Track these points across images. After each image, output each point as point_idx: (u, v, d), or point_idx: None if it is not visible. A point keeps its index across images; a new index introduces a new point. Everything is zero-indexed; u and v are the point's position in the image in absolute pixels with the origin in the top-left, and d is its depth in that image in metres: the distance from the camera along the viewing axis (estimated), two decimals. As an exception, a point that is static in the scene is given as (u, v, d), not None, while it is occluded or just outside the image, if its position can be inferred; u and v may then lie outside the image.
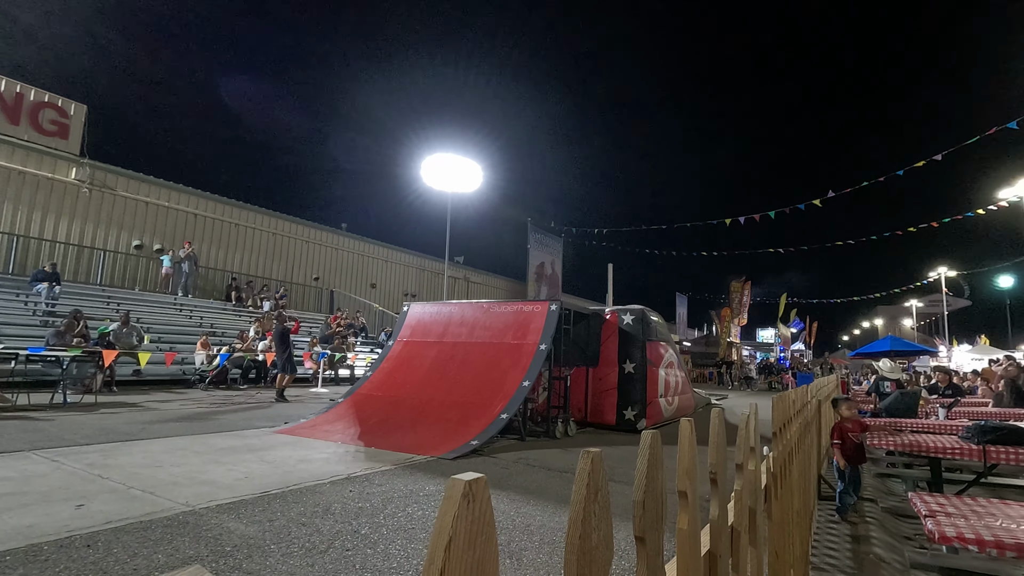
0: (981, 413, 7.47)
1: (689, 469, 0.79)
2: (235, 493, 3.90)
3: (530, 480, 4.83)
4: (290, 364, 10.42)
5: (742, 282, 38.33)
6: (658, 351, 9.57)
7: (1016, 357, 15.50)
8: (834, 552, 3.52)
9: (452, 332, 8.66)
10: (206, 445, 5.62)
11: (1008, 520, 1.90)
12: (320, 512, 3.59)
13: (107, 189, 17.25)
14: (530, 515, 3.77)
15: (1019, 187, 19.73)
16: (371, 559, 2.86)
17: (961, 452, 3.68)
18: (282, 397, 10.06)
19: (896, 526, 4.47)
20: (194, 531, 3.12)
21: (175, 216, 18.98)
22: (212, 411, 8.34)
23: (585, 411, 8.98)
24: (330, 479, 4.47)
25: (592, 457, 0.54)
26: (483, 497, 0.37)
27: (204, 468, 4.61)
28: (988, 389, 9.81)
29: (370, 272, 26.56)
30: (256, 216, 21.61)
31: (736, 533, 1.12)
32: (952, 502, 2.18)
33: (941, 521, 1.90)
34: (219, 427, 6.81)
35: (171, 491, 3.87)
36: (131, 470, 4.41)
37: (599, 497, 0.54)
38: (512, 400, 6.79)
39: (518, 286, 34.04)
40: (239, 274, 20.09)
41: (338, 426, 6.87)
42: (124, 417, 7.26)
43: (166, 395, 10.18)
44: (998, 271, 38.77)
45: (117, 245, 17.39)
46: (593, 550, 0.52)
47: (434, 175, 21.20)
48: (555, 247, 35.65)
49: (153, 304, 15.57)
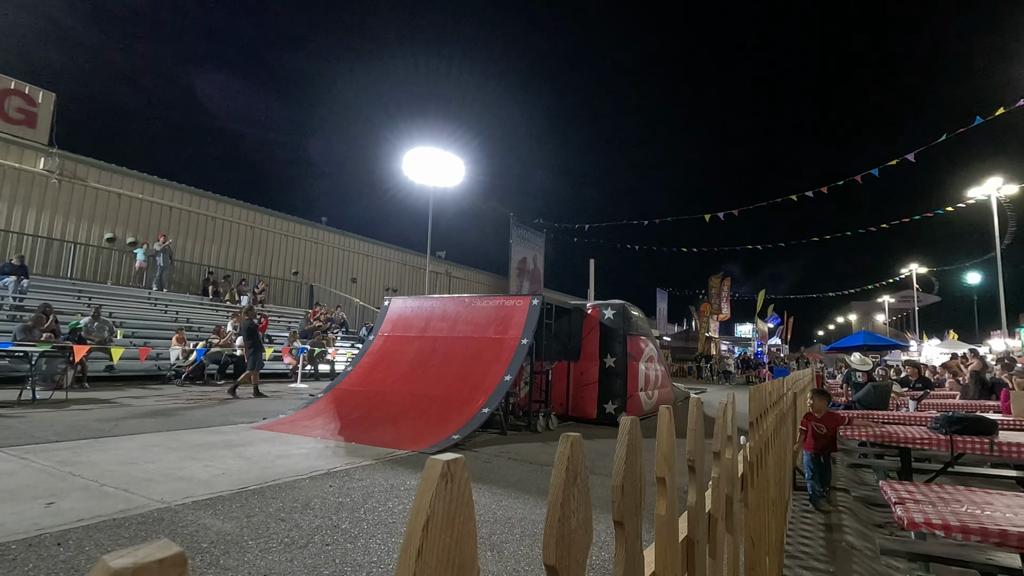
0: (949, 405, 7.71)
1: (668, 455, 0.80)
2: (212, 489, 3.84)
3: (511, 474, 4.85)
4: (258, 360, 10.17)
5: (721, 278, 38.87)
6: (638, 345, 9.66)
7: (980, 352, 16.00)
8: (808, 540, 3.61)
9: (434, 327, 8.62)
10: (182, 441, 5.52)
11: (972, 506, 1.96)
12: (299, 507, 3.55)
13: (77, 180, 16.76)
14: (511, 508, 3.79)
15: (987, 186, 20.33)
16: (351, 553, 2.85)
17: (929, 442, 3.79)
18: (257, 394, 9.91)
19: (868, 514, 4.59)
20: (169, 528, 3.07)
21: (149, 208, 18.52)
22: (188, 407, 8.19)
23: (566, 405, 9.04)
24: (310, 474, 4.42)
25: (571, 441, 0.54)
26: (462, 477, 0.37)
27: (180, 464, 4.53)
28: (955, 382, 10.12)
29: (350, 266, 26.28)
30: (233, 209, 21.21)
31: (713, 520, 1.14)
32: (920, 490, 2.24)
33: (910, 508, 1.95)
34: (195, 423, 6.69)
35: (145, 488, 3.80)
36: (104, 467, 4.31)
37: (578, 481, 0.54)
38: (494, 394, 6.80)
39: (500, 281, 34.01)
40: (216, 268, 19.71)
41: (318, 421, 6.80)
42: (96, 414, 7.09)
43: (140, 391, 9.97)
44: (967, 268, 39.94)
45: (88, 238, 16.91)
46: (572, 533, 0.53)
47: (416, 169, 21.01)
48: (537, 242, 35.69)
49: (126, 298, 15.20)
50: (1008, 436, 3.76)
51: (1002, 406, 6.25)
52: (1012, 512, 1.90)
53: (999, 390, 7.23)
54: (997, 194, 20.24)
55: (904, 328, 51.99)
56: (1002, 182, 20.09)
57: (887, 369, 13.84)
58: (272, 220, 22.70)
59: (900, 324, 57.21)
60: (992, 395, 7.73)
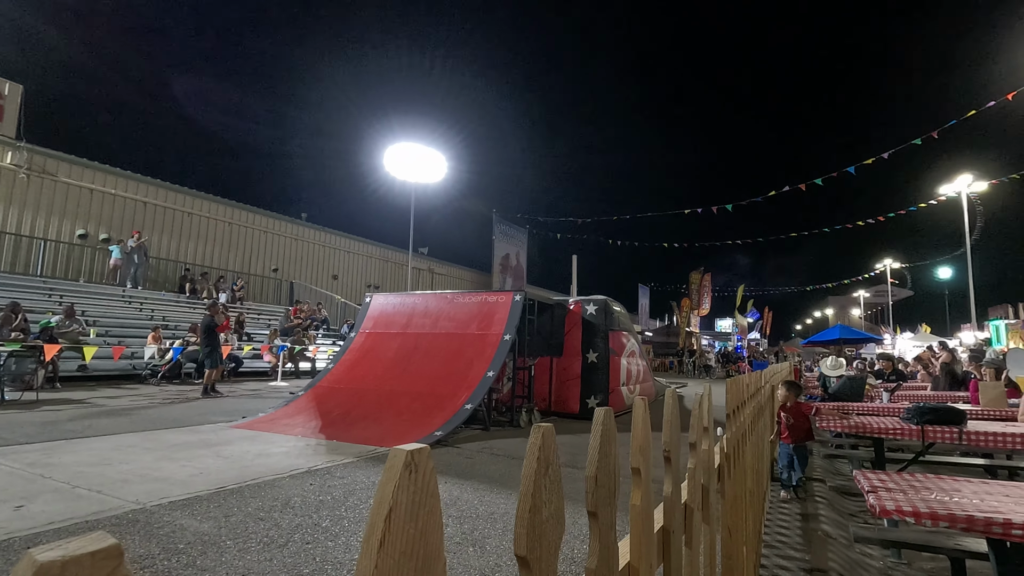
0: (921, 396, 7.90)
1: (643, 446, 0.80)
2: (189, 489, 3.78)
3: (494, 469, 4.85)
4: (214, 358, 9.87)
5: (701, 273, 39.32)
6: (620, 340, 9.73)
7: (950, 344, 16.44)
8: (785, 529, 3.68)
9: (416, 323, 8.58)
10: (158, 441, 5.41)
11: (941, 493, 2.01)
12: (279, 506, 3.51)
13: (47, 175, 16.29)
14: (494, 503, 3.79)
15: (958, 183, 20.86)
16: (332, 551, 2.82)
17: (902, 432, 3.88)
18: (213, 392, 9.66)
19: (843, 504, 4.70)
20: (145, 529, 3.01)
21: (123, 204, 18.08)
22: (165, 406, 8.04)
23: (549, 400, 9.07)
24: (290, 473, 4.38)
25: (543, 431, 0.54)
26: (426, 467, 0.37)
27: (156, 465, 4.44)
28: (926, 374, 10.39)
29: (332, 263, 26.01)
30: (211, 205, 20.82)
31: (689, 510, 1.15)
32: (892, 478, 2.30)
33: (882, 496, 2.00)
34: (172, 422, 6.57)
35: (120, 489, 3.72)
36: (76, 469, 4.21)
37: (550, 471, 0.54)
38: (476, 390, 6.79)
39: (483, 277, 33.96)
40: (193, 265, 19.33)
41: (299, 419, 6.73)
42: (69, 414, 6.91)
43: (115, 391, 9.75)
44: (939, 263, 40.99)
45: (59, 234, 16.46)
46: (543, 524, 0.52)
47: (397, 165, 20.83)
48: (520, 238, 35.70)
49: (100, 296, 14.83)
50: (976, 425, 3.87)
51: (971, 397, 6.43)
52: (978, 498, 1.96)
53: (968, 381, 7.44)
54: (967, 191, 20.79)
55: (879, 322, 53.21)
56: (972, 179, 20.63)
57: (863, 362, 14.18)
58: (251, 216, 22.34)
59: (875, 318, 58.54)
60: (962, 387, 7.95)
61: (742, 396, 2.18)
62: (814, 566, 3.03)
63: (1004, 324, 24.41)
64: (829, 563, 3.09)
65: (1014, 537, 1.72)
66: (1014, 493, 2.06)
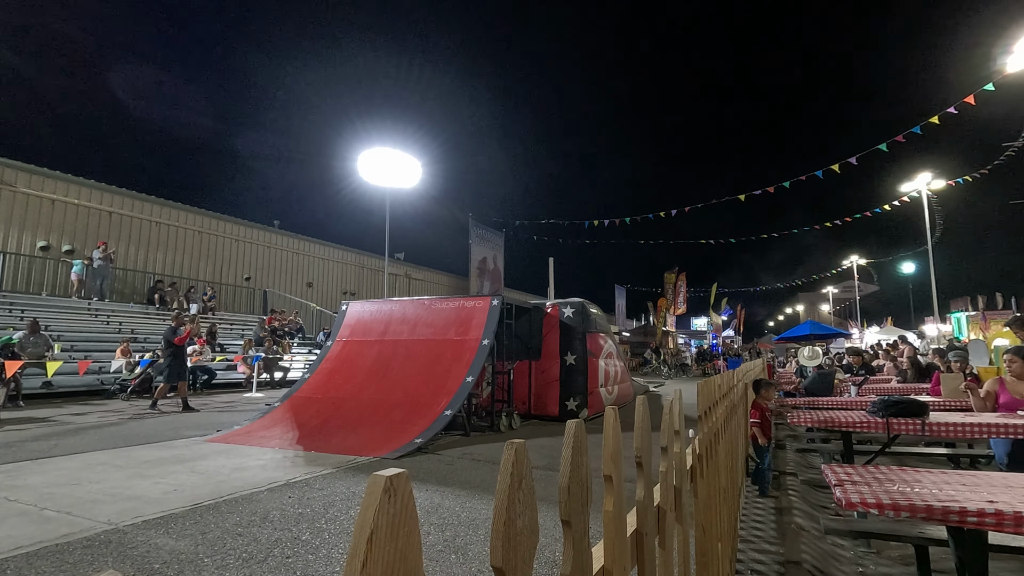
0: (887, 389, 8.17)
1: (614, 454, 0.84)
2: (163, 507, 3.70)
3: (475, 475, 4.86)
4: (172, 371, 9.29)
5: (676, 273, 39.88)
6: (598, 342, 9.83)
7: (909, 338, 17.03)
8: (760, 524, 3.77)
9: (393, 330, 8.54)
10: (130, 458, 5.28)
11: (903, 484, 2.11)
12: (257, 521, 3.47)
13: (6, 185, 15.71)
14: (475, 509, 3.80)
15: (918, 181, 21.64)
16: (313, 564, 2.80)
17: (868, 425, 4.02)
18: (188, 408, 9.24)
19: (815, 497, 4.83)
20: (118, 550, 2.94)
21: (87, 214, 17.55)
22: (135, 422, 7.83)
23: (529, 404, 9.11)
24: (267, 486, 4.32)
25: (516, 448, 0.57)
26: (404, 491, 0.39)
27: (128, 483, 4.34)
28: (892, 367, 10.73)
29: (306, 271, 25.65)
30: (180, 214, 20.35)
31: (662, 512, 1.20)
32: (859, 471, 2.39)
33: (848, 489, 2.08)
34: (144, 438, 6.41)
35: (90, 510, 3.62)
36: (44, 490, 4.09)
37: (523, 485, 0.57)
38: (456, 396, 6.79)
39: (461, 282, 33.88)
40: (163, 275, 18.86)
41: (275, 431, 6.63)
42: (33, 433, 6.69)
43: (82, 407, 9.45)
44: (903, 259, 42.32)
45: (20, 247, 15.89)
46: (518, 535, 0.55)
47: (372, 170, 20.67)
48: (497, 242, 35.71)
49: (64, 310, 14.36)
50: (938, 416, 4.02)
51: (931, 390, 6.68)
52: (937, 488, 2.05)
53: (933, 373, 7.72)
54: (927, 189, 21.57)
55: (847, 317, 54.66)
56: (931, 177, 21.42)
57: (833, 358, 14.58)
58: (222, 224, 21.91)
59: (843, 313, 60.12)
60: (927, 379, 8.24)
61: (714, 397, 2.24)
62: (788, 558, 3.12)
63: (965, 316, 25.35)
64: (802, 555, 3.19)
65: (969, 524, 1.81)
66: (970, 482, 2.16)
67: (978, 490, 2.03)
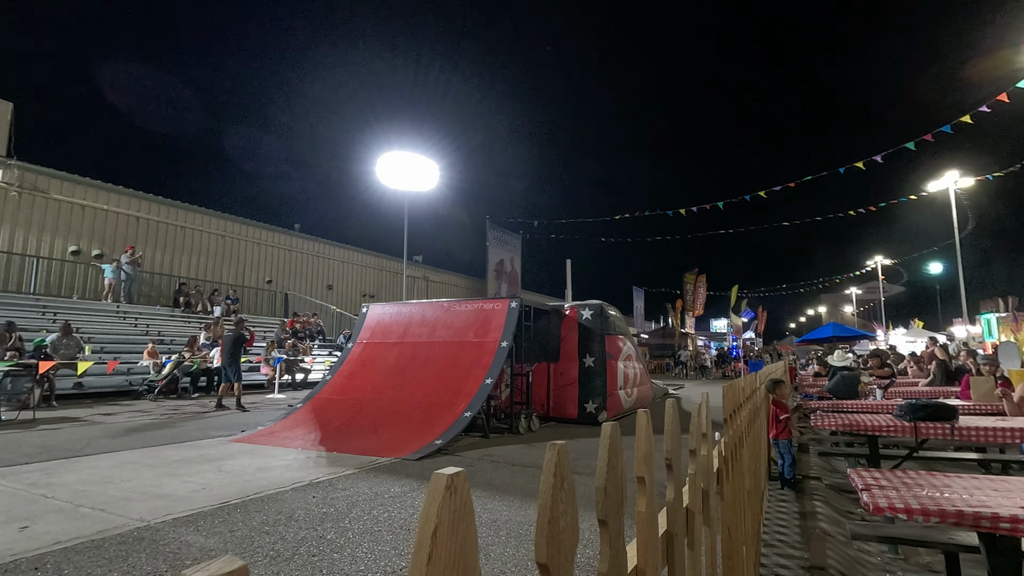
0: (914, 392, 8.00)
1: (646, 456, 0.85)
2: (192, 505, 3.80)
3: (495, 476, 4.89)
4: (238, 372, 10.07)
5: (696, 274, 39.48)
6: (616, 344, 9.79)
7: (940, 340, 16.60)
8: (784, 528, 3.73)
9: (413, 332, 8.61)
10: (158, 458, 5.42)
11: (933, 489, 2.08)
12: (283, 520, 3.54)
13: (39, 192, 16.22)
14: (496, 511, 3.83)
15: (946, 179, 21.14)
16: (338, 563, 2.85)
17: (895, 429, 3.95)
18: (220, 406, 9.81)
19: (840, 501, 4.76)
20: (151, 547, 3.03)
21: (115, 219, 18.02)
22: (163, 422, 8.02)
23: (547, 406, 9.11)
24: (292, 486, 4.40)
25: (558, 449, 0.59)
26: (463, 488, 0.42)
27: (158, 481, 4.45)
28: (918, 369, 10.50)
29: (326, 273, 25.97)
30: (203, 218, 20.77)
31: (691, 514, 1.21)
32: (886, 476, 2.36)
33: (875, 494, 2.06)
34: (171, 438, 6.56)
35: (124, 507, 3.73)
36: (78, 488, 4.22)
37: (565, 485, 0.59)
38: (475, 398, 6.83)
39: (478, 284, 33.98)
40: (187, 279, 19.27)
41: (298, 432, 6.74)
42: (67, 433, 6.89)
43: (112, 407, 9.71)
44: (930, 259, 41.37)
45: (52, 251, 16.37)
46: (561, 533, 0.58)
47: (390, 174, 20.87)
48: (514, 244, 35.75)
49: (94, 313, 14.76)
50: (968, 421, 3.94)
51: (960, 393, 6.53)
52: (968, 493, 2.02)
53: (962, 376, 7.54)
54: (955, 187, 21.06)
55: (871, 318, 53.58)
56: (959, 175, 20.92)
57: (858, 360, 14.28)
58: (244, 228, 22.30)
59: (867, 315, 58.93)
60: (956, 382, 8.05)
61: (738, 399, 2.23)
62: (813, 563, 3.08)
63: (995, 317, 24.64)
64: (828, 560, 3.15)
65: (1002, 530, 1.78)
66: (1003, 487, 2.12)
67: (1011, 496, 1.99)
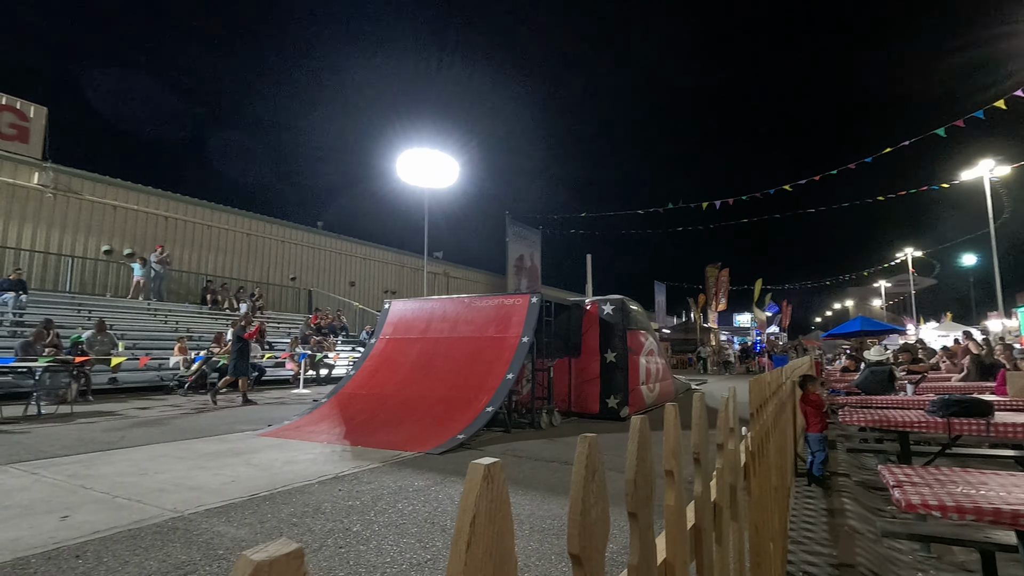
0: (947, 388, 7.79)
1: (675, 450, 0.85)
2: (223, 497, 3.89)
3: (518, 471, 4.91)
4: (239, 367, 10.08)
5: (718, 268, 38.96)
6: (638, 339, 9.73)
7: (975, 334, 16.10)
8: (811, 525, 3.68)
9: (435, 328, 8.68)
10: (190, 451, 5.57)
11: (968, 486, 2.02)
12: (311, 512, 3.61)
13: (72, 193, 16.74)
14: (519, 505, 3.84)
15: (980, 168, 20.45)
16: (365, 555, 2.90)
17: (927, 425, 3.86)
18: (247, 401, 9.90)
19: (869, 499, 4.67)
20: (184, 536, 3.12)
21: (145, 219, 18.52)
22: (193, 416, 8.23)
23: (569, 401, 9.11)
24: (318, 479, 4.48)
25: (589, 441, 0.59)
26: (499, 478, 0.43)
27: (190, 474, 4.58)
28: (951, 364, 10.22)
29: (348, 270, 26.31)
30: (229, 217, 21.20)
31: (719, 508, 1.20)
32: (918, 472, 2.30)
33: (907, 490, 2.02)
34: (201, 432, 6.74)
35: (158, 498, 3.85)
36: (115, 479, 4.36)
37: (596, 477, 0.60)
38: (497, 393, 6.86)
39: (498, 280, 34.06)
40: (214, 276, 19.71)
41: (323, 426, 6.85)
42: (102, 426, 7.13)
43: (144, 402, 10.00)
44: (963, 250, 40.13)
45: (85, 251, 16.90)
46: (592, 525, 0.58)
47: (410, 171, 21.02)
48: (534, 239, 35.73)
49: (126, 310, 15.21)
50: (1004, 416, 3.83)
51: (996, 389, 6.33)
52: (1006, 491, 1.97)
53: (997, 371, 7.32)
54: (990, 175, 20.37)
55: (901, 312, 52.23)
56: (994, 164, 20.22)
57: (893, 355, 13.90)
58: (268, 227, 22.71)
59: (897, 308, 57.47)
60: (991, 377, 7.81)
61: (765, 394, 2.21)
62: (842, 561, 3.03)
63: (1032, 311, 23.81)
64: (857, 558, 3.09)
65: (1042, 529, 1.73)
66: (1043, 485, 2.06)
67: (1051, 494, 1.93)
